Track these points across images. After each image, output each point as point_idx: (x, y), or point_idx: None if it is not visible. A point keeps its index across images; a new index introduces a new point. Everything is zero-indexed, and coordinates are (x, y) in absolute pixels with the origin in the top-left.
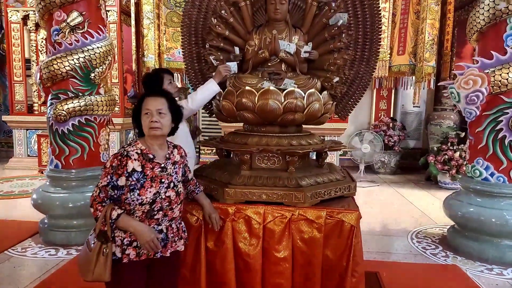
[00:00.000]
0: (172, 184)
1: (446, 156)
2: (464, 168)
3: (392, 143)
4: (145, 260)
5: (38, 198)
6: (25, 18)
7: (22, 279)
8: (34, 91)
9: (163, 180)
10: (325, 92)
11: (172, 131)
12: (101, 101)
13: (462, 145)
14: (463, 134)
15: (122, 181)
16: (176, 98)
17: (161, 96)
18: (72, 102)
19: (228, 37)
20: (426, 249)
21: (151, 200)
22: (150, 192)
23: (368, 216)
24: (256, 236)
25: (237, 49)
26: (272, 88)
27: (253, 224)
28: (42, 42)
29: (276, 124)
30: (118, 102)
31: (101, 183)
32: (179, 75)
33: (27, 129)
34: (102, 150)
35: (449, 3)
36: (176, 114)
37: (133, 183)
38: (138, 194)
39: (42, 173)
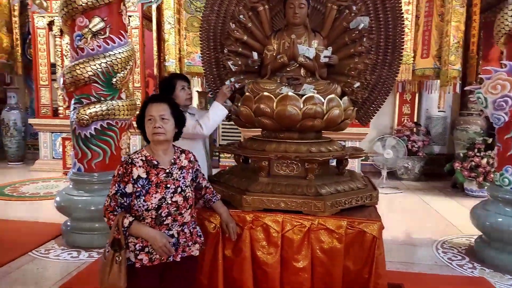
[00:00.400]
0: (179, 189)
1: (473, 163)
2: (492, 175)
3: (416, 149)
4: (158, 265)
5: (61, 201)
6: (51, 24)
7: (45, 281)
8: (59, 95)
9: (168, 186)
10: (345, 98)
11: (176, 136)
12: (123, 105)
13: (490, 152)
14: (491, 140)
15: (129, 188)
16: (197, 103)
17: (163, 102)
18: (95, 107)
19: (247, 42)
20: (452, 260)
21: (156, 206)
22: (155, 198)
23: (391, 224)
24: (275, 245)
25: (255, 54)
26: (290, 93)
27: (271, 232)
28: (66, 47)
29: (295, 131)
30: (140, 106)
31: (111, 192)
32: (199, 79)
33: (52, 132)
34: (123, 154)
35: (474, 5)
36: (179, 119)
37: (138, 189)
38: (144, 200)
39: (66, 175)
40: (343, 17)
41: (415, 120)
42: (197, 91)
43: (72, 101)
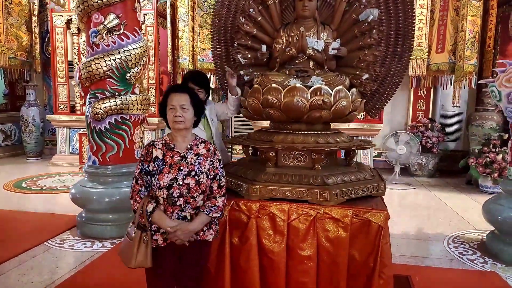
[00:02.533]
0: (193, 173)
1: (488, 159)
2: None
3: (430, 145)
4: (175, 246)
5: (76, 193)
6: (68, 22)
7: (60, 269)
8: (77, 92)
9: (181, 168)
10: (353, 90)
11: (195, 123)
12: (136, 100)
13: (505, 147)
14: (506, 135)
15: (151, 167)
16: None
17: (184, 92)
18: (109, 101)
19: (256, 36)
20: (463, 255)
21: (167, 185)
22: (167, 177)
23: (402, 219)
24: (281, 233)
25: (263, 47)
26: (298, 85)
27: (277, 221)
28: (83, 45)
29: (303, 122)
30: (154, 102)
31: (136, 171)
32: (212, 75)
33: (69, 128)
34: (137, 148)
35: None
36: (198, 108)
37: (154, 169)
38: (157, 179)
39: (82, 169)
40: (353, 10)
41: (430, 116)
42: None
43: (88, 96)
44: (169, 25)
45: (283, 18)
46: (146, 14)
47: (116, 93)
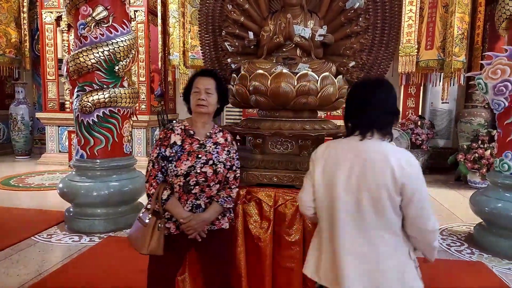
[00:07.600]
0: (210, 162)
1: (476, 155)
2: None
3: (420, 142)
4: (184, 233)
5: (64, 187)
6: (58, 20)
7: (46, 263)
8: (66, 89)
9: (200, 156)
10: (340, 77)
11: (218, 112)
12: (125, 93)
13: (493, 143)
14: (494, 131)
15: (168, 152)
16: None
17: (210, 76)
18: (97, 94)
19: (244, 24)
20: (451, 246)
21: (185, 173)
22: (185, 164)
23: None
24: (267, 219)
25: (251, 34)
26: (285, 71)
27: (264, 207)
28: (73, 42)
29: (290, 109)
30: (145, 99)
31: (153, 156)
32: None
33: (58, 126)
34: (125, 142)
35: None
36: (223, 95)
37: (172, 154)
38: (175, 166)
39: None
40: None
41: (420, 113)
42: None
43: (76, 89)
44: (159, 21)
45: (270, 6)
46: (136, 11)
47: (104, 86)
